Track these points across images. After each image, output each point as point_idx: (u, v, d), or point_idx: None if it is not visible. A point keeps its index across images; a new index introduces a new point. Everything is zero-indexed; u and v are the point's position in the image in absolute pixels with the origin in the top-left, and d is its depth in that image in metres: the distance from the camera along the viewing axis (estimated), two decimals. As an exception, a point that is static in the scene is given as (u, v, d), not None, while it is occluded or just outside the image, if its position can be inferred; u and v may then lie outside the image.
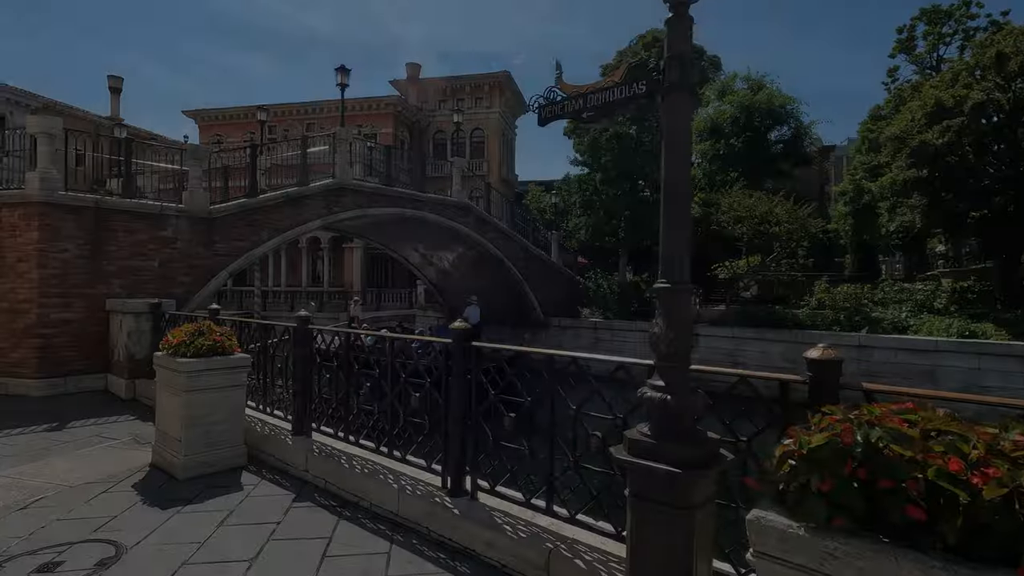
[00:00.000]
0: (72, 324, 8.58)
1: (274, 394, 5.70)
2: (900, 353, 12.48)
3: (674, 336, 1.93)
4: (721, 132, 22.83)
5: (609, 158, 19.54)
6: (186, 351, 4.88)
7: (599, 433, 2.96)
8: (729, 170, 22.99)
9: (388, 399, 4.27)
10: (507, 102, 39.60)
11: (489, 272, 18.59)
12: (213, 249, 10.36)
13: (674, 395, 1.90)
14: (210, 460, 4.84)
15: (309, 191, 11.98)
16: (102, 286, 8.90)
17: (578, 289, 20.94)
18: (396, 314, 26.76)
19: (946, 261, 24.62)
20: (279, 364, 5.59)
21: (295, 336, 5.19)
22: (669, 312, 1.98)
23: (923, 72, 21.46)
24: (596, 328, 18.21)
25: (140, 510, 4.05)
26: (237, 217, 10.76)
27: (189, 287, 9.99)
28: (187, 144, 9.93)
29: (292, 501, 4.24)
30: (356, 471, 4.24)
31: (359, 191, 13.11)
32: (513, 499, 3.40)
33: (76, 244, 8.65)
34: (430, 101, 38.48)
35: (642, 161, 20.29)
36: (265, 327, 5.87)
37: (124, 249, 9.18)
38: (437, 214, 15.37)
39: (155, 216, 9.57)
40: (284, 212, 11.56)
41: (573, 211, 24.67)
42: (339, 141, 12.79)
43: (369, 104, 34.54)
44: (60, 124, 8.58)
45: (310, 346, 5.11)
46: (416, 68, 38.76)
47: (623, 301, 19.34)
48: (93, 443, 5.93)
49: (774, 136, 23.51)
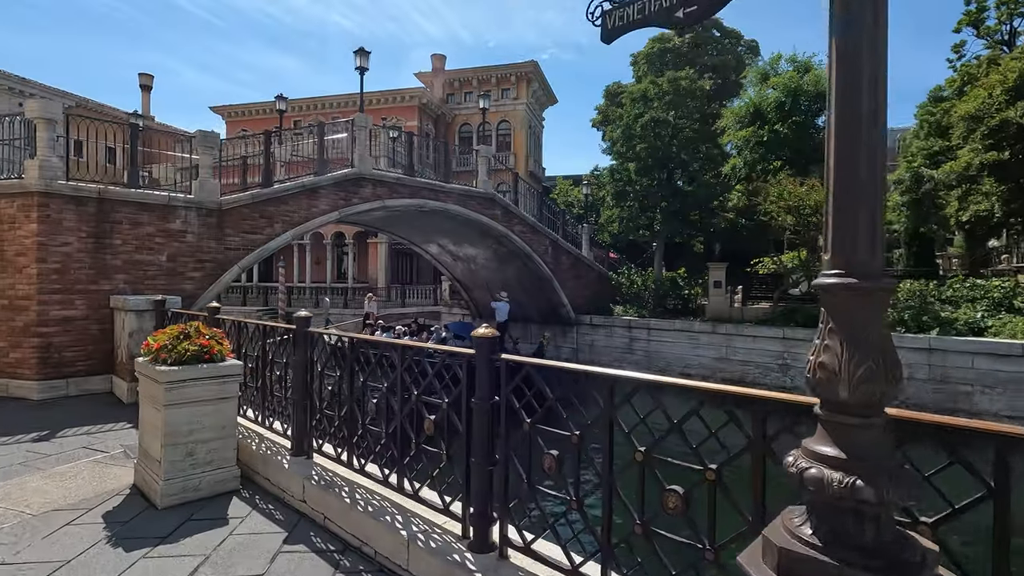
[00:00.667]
0: (74, 322, 8.12)
1: (273, 405, 5.01)
2: (979, 358, 11.15)
3: (864, 370, 1.07)
4: (764, 118, 21.39)
5: (644, 145, 18.42)
6: (167, 357, 4.21)
7: (678, 488, 2.10)
8: (772, 158, 21.55)
9: (397, 420, 3.49)
10: (534, 94, 38.67)
11: (516, 267, 17.77)
12: (224, 242, 9.81)
13: (868, 479, 1.04)
14: (195, 484, 4.17)
15: (325, 181, 11.35)
16: (106, 282, 8.43)
17: (610, 285, 19.94)
18: (420, 311, 26.23)
19: (1010, 256, 22.66)
20: (278, 371, 4.89)
21: (293, 340, 4.47)
22: (852, 326, 1.12)
23: (994, 46, 19.63)
24: (631, 327, 17.21)
25: (99, 552, 3.37)
26: (250, 209, 10.19)
27: (199, 283, 9.46)
28: (196, 131, 9.37)
29: (282, 542, 3.52)
30: (359, 507, 3.48)
31: (379, 181, 12.43)
32: (555, 563, 2.58)
33: (78, 237, 8.18)
34: (456, 93, 37.87)
35: (679, 149, 19.10)
36: (264, 329, 5.18)
37: (129, 243, 8.68)
38: (462, 206, 14.61)
39: (162, 207, 9.05)
40: (300, 203, 10.95)
41: (605, 203, 23.62)
42: (358, 129, 12.12)
43: (393, 96, 34.08)
44: (59, 109, 8.10)
45: (311, 352, 4.38)
46: (441, 59, 38.12)
47: (659, 298, 18.26)
48: (78, 456, 5.36)
49: (821, 121, 21.93)
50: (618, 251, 22.87)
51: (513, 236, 16.23)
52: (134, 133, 8.88)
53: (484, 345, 2.82)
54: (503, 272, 18.53)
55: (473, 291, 20.87)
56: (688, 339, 15.82)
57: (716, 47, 32.23)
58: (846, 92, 1.19)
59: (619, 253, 22.84)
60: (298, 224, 10.91)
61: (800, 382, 13.13)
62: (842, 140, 1.18)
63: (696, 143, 19.51)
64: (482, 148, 16.43)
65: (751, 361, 14.46)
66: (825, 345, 1.15)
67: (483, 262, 18.55)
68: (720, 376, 15.08)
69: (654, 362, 16.60)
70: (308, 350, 4.38)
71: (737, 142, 21.85)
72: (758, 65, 24.04)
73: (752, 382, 14.46)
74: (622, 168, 19.45)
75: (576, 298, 18.72)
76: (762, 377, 14.25)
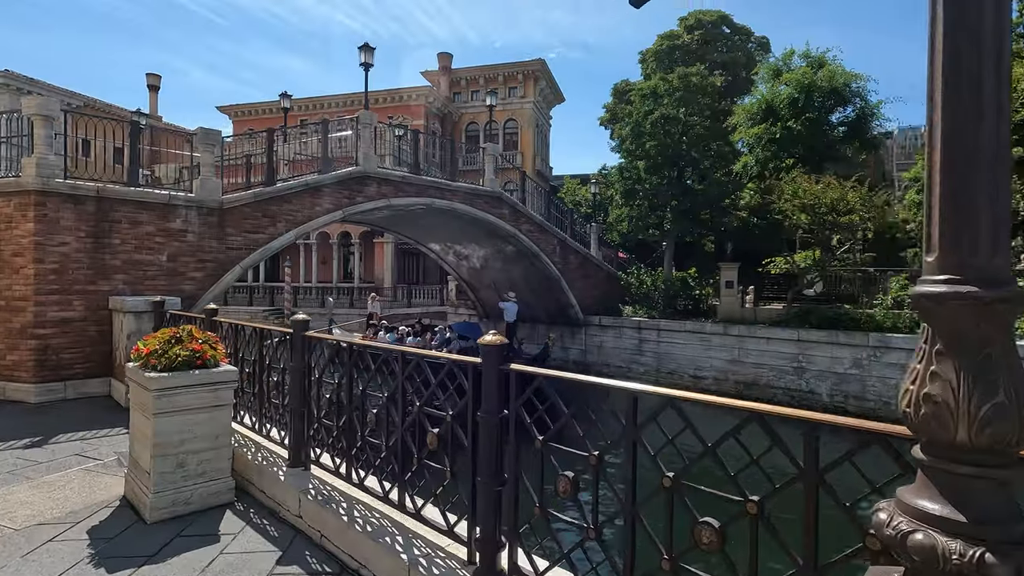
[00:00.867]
0: (72, 324, 7.96)
1: (271, 412, 4.79)
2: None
3: (992, 407, 0.81)
4: (776, 114, 21.01)
5: (654, 143, 18.09)
6: (157, 363, 4.01)
7: (713, 522, 1.85)
8: (784, 156, 21.18)
9: (398, 432, 3.25)
10: (542, 92, 38.40)
11: (523, 267, 17.53)
12: (226, 242, 9.64)
13: (1001, 552, 0.79)
14: (186, 497, 3.96)
15: (329, 179, 11.15)
16: (104, 282, 8.27)
17: (619, 285, 19.64)
18: (426, 311, 26.05)
19: None
20: (276, 376, 4.67)
21: (290, 344, 4.25)
22: (971, 348, 0.86)
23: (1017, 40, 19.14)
24: (640, 328, 16.90)
25: (79, 574, 3.15)
26: (252, 207, 10.01)
27: (200, 283, 9.29)
28: (198, 128, 9.21)
29: (275, 563, 3.29)
30: (358, 525, 3.25)
31: (385, 180, 12.22)
32: (571, 597, 2.32)
33: (76, 237, 8.02)
34: (462, 91, 37.68)
35: (689, 146, 18.75)
36: (261, 332, 4.96)
37: (129, 242, 8.52)
38: (469, 205, 14.37)
39: (163, 206, 8.89)
40: (303, 202, 10.76)
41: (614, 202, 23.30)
42: (362, 126, 11.92)
43: (399, 95, 33.91)
44: (57, 106, 7.95)
45: (308, 357, 4.15)
46: (448, 58, 37.94)
47: (669, 298, 17.94)
48: (70, 464, 5.17)
49: (836, 118, 21.51)
50: (627, 251, 22.53)
51: (521, 235, 15.99)
52: (134, 130, 8.72)
53: (492, 353, 2.58)
54: (510, 272, 18.29)
55: (480, 291, 20.65)
56: (700, 341, 15.50)
57: (726, 44, 31.84)
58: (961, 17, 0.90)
59: (628, 253, 22.50)
60: (301, 223, 10.72)
61: (817, 387, 12.79)
62: (955, 103, 0.91)
63: (707, 140, 19.17)
64: (489, 146, 16.21)
65: (764, 364, 14.12)
66: (932, 372, 0.89)
67: (490, 262, 18.31)
68: (733, 379, 14.76)
69: (664, 364, 16.29)
70: (306, 355, 4.15)
71: (749, 139, 21.50)
72: (770, 61, 23.64)
73: (766, 385, 14.14)
74: (631, 166, 19.13)
75: (584, 298, 18.45)
76: (776, 380, 13.92)
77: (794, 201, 15.08)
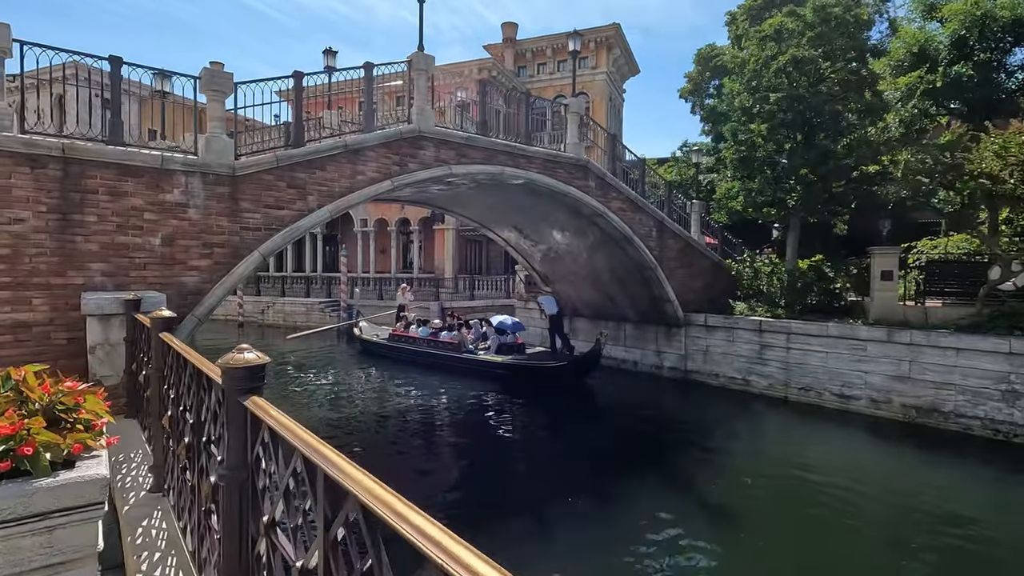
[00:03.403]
0: (31, 329, 6.02)
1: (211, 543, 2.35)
2: None
3: None
4: (932, 59, 16.81)
5: (782, 95, 14.56)
6: None
7: None
8: (940, 111, 16.97)
9: None
10: (615, 62, 35.02)
11: (608, 254, 14.66)
12: (240, 220, 7.49)
13: None
14: None
15: (373, 139, 8.78)
16: (76, 273, 6.28)
17: (726, 276, 16.32)
18: (490, 304, 23.70)
19: None
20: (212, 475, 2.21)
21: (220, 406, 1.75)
22: None
23: None
24: (762, 330, 13.61)
25: None
26: (274, 176, 7.80)
27: (206, 274, 7.19)
28: (202, 70, 7.02)
29: None
30: None
31: (444, 141, 9.73)
32: None
33: (35, 212, 6.06)
34: (527, 64, 34.95)
35: (825, 99, 15.02)
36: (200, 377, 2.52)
37: (108, 220, 6.50)
38: (548, 174, 11.67)
39: (155, 171, 6.80)
40: (341, 169, 8.47)
41: (722, 175, 19.79)
42: (416, 72, 9.46)
43: (459, 70, 31.58)
44: (8, 36, 5.94)
45: (252, 450, 1.63)
46: (513, 28, 35.32)
47: (795, 292, 14.47)
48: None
49: (1015, 61, 16.98)
50: (733, 233, 19.03)
51: (611, 214, 13.11)
52: (114, 71, 6.65)
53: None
54: (592, 260, 15.47)
55: (555, 283, 17.94)
56: (847, 348, 12.05)
57: (844, -13, 27.11)
58: None
59: (735, 236, 18.98)
60: (339, 196, 8.42)
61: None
62: None
63: (849, 91, 15.38)
64: (572, 101, 13.37)
65: (951, 384, 10.55)
66: None
67: (570, 247, 15.55)
68: (899, 401, 11.27)
69: (795, 377, 12.94)
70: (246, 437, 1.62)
71: (897, 92, 17.40)
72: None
73: (953, 413, 10.59)
74: (746, 128, 15.67)
75: (684, 292, 15.33)
76: (970, 407, 10.34)
77: (1007, 157, 11.20)
